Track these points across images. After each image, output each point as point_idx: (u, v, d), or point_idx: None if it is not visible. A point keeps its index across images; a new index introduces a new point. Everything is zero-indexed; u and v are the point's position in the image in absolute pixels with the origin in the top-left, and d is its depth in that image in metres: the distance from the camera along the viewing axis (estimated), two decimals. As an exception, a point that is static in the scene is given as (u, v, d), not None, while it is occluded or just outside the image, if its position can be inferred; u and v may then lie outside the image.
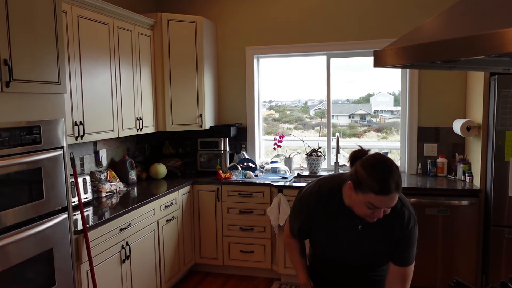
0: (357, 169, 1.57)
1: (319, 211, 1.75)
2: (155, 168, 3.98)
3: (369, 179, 1.51)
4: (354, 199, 1.59)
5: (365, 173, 1.53)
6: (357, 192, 1.56)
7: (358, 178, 1.55)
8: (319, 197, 1.75)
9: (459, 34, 1.24)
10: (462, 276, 3.27)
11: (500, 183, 3.12)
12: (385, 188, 1.51)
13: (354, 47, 4.00)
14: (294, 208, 1.88)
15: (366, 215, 1.59)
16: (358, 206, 1.58)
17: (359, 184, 1.54)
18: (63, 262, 2.31)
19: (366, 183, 1.52)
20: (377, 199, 1.51)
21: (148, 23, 3.73)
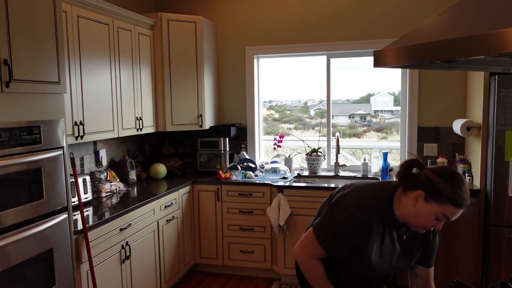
0: (431, 178, 1.50)
1: (375, 229, 1.58)
2: (155, 168, 3.98)
3: (450, 190, 1.46)
4: (421, 209, 1.51)
5: (446, 184, 1.47)
6: (430, 202, 1.49)
7: (436, 188, 1.48)
8: (375, 213, 1.58)
9: (459, 34, 1.24)
10: (462, 276, 3.27)
11: (500, 183, 3.12)
12: (464, 202, 1.47)
13: (354, 47, 4.00)
14: (339, 230, 1.60)
15: (427, 226, 1.54)
16: (425, 216, 1.51)
17: (437, 195, 1.48)
18: (63, 262, 2.31)
19: (447, 193, 1.46)
20: (453, 211, 1.47)
21: (148, 23, 3.73)
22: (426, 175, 1.52)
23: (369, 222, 1.57)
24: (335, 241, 1.61)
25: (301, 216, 3.59)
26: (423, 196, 1.50)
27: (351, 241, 1.59)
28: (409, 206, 1.54)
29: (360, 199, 1.61)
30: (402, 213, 1.57)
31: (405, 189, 1.56)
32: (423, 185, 1.51)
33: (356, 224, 1.57)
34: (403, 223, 1.60)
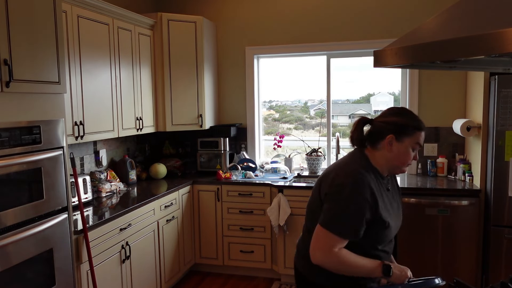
0: (390, 121, 1.64)
1: (375, 190, 1.60)
2: (155, 168, 3.98)
3: (411, 121, 1.65)
4: (398, 149, 1.64)
5: (404, 118, 1.65)
6: (402, 140, 1.63)
7: (400, 125, 1.63)
8: (367, 175, 1.60)
9: (459, 34, 1.24)
10: (462, 276, 3.27)
11: (500, 183, 3.12)
12: (423, 123, 1.70)
13: (354, 47, 4.00)
14: (350, 210, 1.56)
15: (409, 160, 1.67)
16: (404, 153, 1.65)
17: (404, 130, 1.63)
18: (63, 262, 2.31)
19: (410, 124, 1.64)
20: (421, 135, 1.69)
21: (148, 23, 3.73)
22: (383, 122, 1.66)
23: (368, 185, 1.58)
24: (353, 224, 1.57)
25: (301, 216, 3.59)
26: (394, 138, 1.63)
27: (365, 214, 1.56)
28: (386, 154, 1.65)
29: (348, 173, 1.61)
30: (383, 163, 1.67)
31: (372, 145, 1.67)
32: (387, 130, 1.64)
33: (359, 193, 1.56)
34: (385, 175, 1.72)
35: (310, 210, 1.81)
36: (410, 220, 3.40)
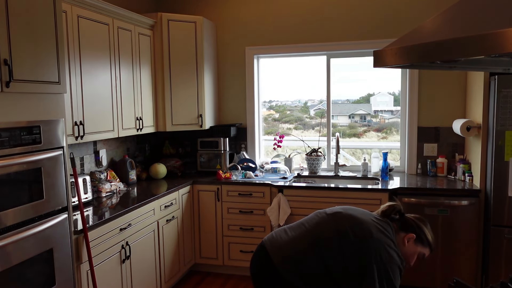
0: (420, 225, 1.87)
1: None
2: (155, 168, 3.98)
3: (431, 238, 1.88)
4: (411, 249, 1.86)
5: (428, 232, 1.88)
6: (417, 245, 1.86)
7: (424, 234, 1.86)
8: (397, 253, 1.79)
9: (459, 34, 1.24)
10: (462, 276, 3.27)
11: (500, 183, 3.12)
12: (433, 247, 1.92)
13: (354, 47, 4.01)
14: (393, 276, 1.75)
15: (412, 263, 1.90)
16: (412, 255, 1.87)
17: (423, 239, 1.86)
18: (63, 262, 2.31)
19: (428, 239, 1.86)
20: (428, 253, 1.90)
21: (148, 23, 3.73)
22: (415, 221, 1.88)
23: (399, 262, 1.80)
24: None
25: (301, 216, 3.59)
26: (413, 238, 1.84)
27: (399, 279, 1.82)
28: (400, 244, 1.84)
29: (384, 245, 1.75)
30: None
31: (398, 229, 1.86)
32: (413, 229, 1.85)
33: (394, 266, 1.77)
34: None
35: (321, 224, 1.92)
36: (410, 220, 3.40)
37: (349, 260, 1.74)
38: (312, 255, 1.78)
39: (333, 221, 1.84)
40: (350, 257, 1.74)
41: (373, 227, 1.78)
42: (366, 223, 1.80)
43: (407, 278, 3.46)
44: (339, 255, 1.75)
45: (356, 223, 1.80)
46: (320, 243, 1.79)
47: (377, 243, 1.73)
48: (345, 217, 1.85)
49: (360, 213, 1.87)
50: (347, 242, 1.76)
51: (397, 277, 1.75)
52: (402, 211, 1.90)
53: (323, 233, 1.82)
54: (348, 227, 1.79)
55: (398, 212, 1.89)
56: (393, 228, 1.84)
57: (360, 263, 1.72)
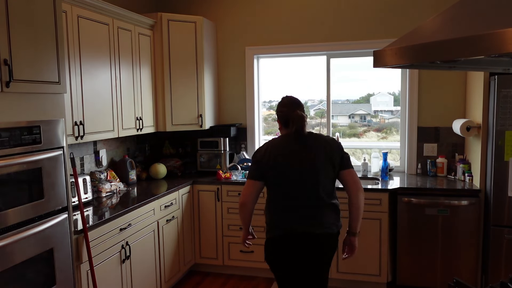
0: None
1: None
2: (155, 168, 3.98)
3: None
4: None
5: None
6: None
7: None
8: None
9: (459, 34, 1.24)
10: (462, 276, 3.28)
11: (500, 183, 3.12)
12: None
13: (354, 47, 4.01)
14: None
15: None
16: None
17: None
18: (63, 262, 2.31)
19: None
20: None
21: (148, 23, 3.73)
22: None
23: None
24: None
25: (301, 216, 3.59)
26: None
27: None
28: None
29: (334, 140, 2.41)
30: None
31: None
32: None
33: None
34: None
35: (325, 180, 2.26)
36: (410, 220, 3.40)
37: (335, 162, 2.28)
38: (327, 187, 2.28)
39: (311, 168, 2.25)
40: (335, 160, 2.28)
41: (324, 142, 2.32)
42: (321, 144, 2.30)
43: (407, 278, 3.46)
44: (331, 168, 2.27)
45: (319, 151, 2.28)
46: (319, 187, 2.24)
47: (334, 144, 2.33)
48: (312, 157, 2.27)
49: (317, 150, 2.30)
50: (330, 163, 2.27)
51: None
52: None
53: (317, 177, 2.24)
54: (321, 157, 2.27)
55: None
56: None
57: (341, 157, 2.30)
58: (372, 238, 3.45)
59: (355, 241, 2.34)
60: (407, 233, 3.42)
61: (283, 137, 2.36)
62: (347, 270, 3.55)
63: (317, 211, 2.23)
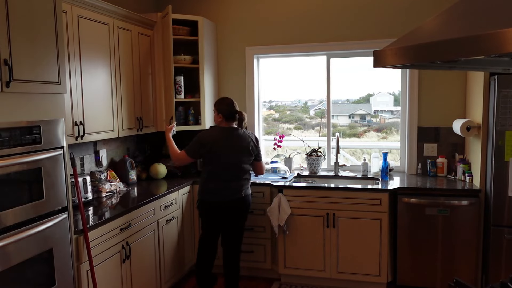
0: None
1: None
2: (155, 168, 3.98)
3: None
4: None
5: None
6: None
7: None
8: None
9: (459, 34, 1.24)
10: (462, 276, 3.28)
11: (500, 183, 3.12)
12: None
13: (354, 47, 4.01)
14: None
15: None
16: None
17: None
18: (63, 262, 2.31)
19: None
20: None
21: (148, 23, 3.73)
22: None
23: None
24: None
25: (301, 216, 3.59)
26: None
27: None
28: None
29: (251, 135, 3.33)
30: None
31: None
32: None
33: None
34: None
35: (245, 163, 3.23)
36: (410, 220, 3.40)
37: (254, 153, 3.28)
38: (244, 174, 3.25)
39: (238, 160, 3.19)
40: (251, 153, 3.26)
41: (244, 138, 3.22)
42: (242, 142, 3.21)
43: (407, 278, 3.46)
44: (250, 157, 3.26)
45: (242, 147, 3.21)
46: (242, 168, 3.22)
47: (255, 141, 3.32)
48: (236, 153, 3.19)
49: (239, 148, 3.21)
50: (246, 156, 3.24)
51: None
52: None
53: (241, 163, 3.21)
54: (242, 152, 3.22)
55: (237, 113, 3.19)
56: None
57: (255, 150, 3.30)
58: (372, 238, 3.45)
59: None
60: (407, 233, 3.42)
61: (225, 129, 3.18)
62: (347, 270, 3.55)
63: (237, 184, 3.18)
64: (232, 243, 3.36)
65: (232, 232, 3.33)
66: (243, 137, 3.21)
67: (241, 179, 3.20)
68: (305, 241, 3.61)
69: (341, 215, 3.51)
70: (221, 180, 3.15)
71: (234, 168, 3.16)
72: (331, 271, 3.59)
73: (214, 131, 3.20)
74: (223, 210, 3.20)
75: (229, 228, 3.30)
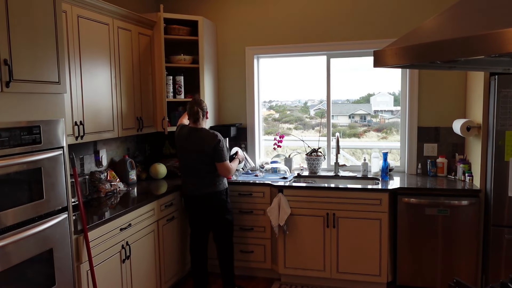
0: (205, 107, 3.41)
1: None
2: (155, 168, 3.98)
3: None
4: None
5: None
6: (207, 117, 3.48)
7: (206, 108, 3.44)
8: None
9: (459, 34, 1.24)
10: (462, 276, 3.28)
11: (500, 183, 3.12)
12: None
13: (354, 47, 4.00)
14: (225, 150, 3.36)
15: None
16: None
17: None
18: (63, 262, 2.31)
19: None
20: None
21: (148, 23, 3.73)
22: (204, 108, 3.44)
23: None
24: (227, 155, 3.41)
25: (301, 216, 3.59)
26: (207, 113, 3.48)
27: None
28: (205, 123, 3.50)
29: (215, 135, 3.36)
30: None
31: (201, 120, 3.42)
32: (204, 112, 3.44)
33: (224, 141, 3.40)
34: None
35: (204, 163, 3.30)
36: (410, 220, 3.40)
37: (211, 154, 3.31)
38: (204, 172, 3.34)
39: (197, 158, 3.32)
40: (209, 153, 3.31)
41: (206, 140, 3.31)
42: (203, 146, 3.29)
43: (407, 278, 3.46)
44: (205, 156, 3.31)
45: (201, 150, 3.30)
46: (200, 167, 3.32)
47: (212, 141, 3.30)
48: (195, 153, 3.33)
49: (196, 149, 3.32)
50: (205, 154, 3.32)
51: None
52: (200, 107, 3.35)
53: (198, 163, 3.31)
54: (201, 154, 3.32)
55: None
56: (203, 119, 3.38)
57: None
58: (372, 238, 3.45)
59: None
60: (407, 233, 3.42)
61: (189, 129, 3.36)
62: (347, 270, 3.55)
63: (198, 180, 3.32)
64: (217, 240, 3.48)
65: (213, 228, 3.46)
66: (201, 138, 3.30)
67: (201, 177, 3.31)
68: (305, 241, 3.61)
69: (341, 215, 3.51)
70: (185, 176, 3.38)
71: (192, 166, 3.31)
72: (331, 271, 3.59)
73: (182, 129, 3.42)
74: (192, 204, 3.40)
75: (208, 224, 3.46)
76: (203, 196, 3.34)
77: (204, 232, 3.49)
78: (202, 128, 3.35)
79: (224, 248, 3.47)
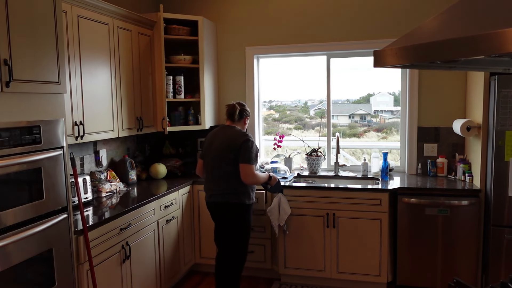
0: (247, 109, 3.24)
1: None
2: (155, 168, 3.98)
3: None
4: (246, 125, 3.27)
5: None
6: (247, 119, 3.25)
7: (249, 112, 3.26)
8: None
9: (459, 34, 1.24)
10: (462, 276, 3.28)
11: (500, 183, 3.12)
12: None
13: (354, 47, 4.00)
14: (256, 152, 3.05)
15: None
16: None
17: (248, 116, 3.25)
18: (63, 262, 2.31)
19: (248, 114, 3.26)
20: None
21: (148, 23, 3.73)
22: (246, 109, 3.23)
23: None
24: (256, 159, 3.07)
25: (301, 216, 3.59)
26: (248, 117, 3.27)
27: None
28: (243, 126, 3.23)
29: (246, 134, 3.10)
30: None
31: (238, 121, 3.20)
32: (247, 115, 3.25)
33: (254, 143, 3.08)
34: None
35: (225, 163, 3.03)
36: (410, 220, 3.40)
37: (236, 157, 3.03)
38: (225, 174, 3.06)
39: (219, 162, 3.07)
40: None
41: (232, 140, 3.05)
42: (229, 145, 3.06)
43: (407, 278, 3.46)
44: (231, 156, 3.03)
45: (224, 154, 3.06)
46: (220, 166, 3.07)
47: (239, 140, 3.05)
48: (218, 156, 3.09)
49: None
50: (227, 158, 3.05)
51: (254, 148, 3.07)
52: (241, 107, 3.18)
53: (222, 159, 3.05)
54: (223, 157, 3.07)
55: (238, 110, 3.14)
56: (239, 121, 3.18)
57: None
58: (372, 238, 3.45)
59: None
60: (407, 233, 3.42)
61: (223, 125, 3.25)
62: (347, 270, 3.55)
63: (216, 185, 3.08)
64: (220, 248, 3.21)
65: (218, 235, 3.19)
66: (230, 133, 3.08)
67: (222, 179, 3.04)
68: (305, 241, 3.61)
69: (341, 215, 3.51)
70: (206, 178, 3.18)
71: (213, 165, 3.08)
72: (331, 271, 3.59)
73: (217, 127, 3.29)
74: (210, 212, 3.20)
75: (217, 230, 3.21)
76: (216, 204, 3.09)
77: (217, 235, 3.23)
78: (235, 126, 3.14)
79: (223, 257, 3.18)
